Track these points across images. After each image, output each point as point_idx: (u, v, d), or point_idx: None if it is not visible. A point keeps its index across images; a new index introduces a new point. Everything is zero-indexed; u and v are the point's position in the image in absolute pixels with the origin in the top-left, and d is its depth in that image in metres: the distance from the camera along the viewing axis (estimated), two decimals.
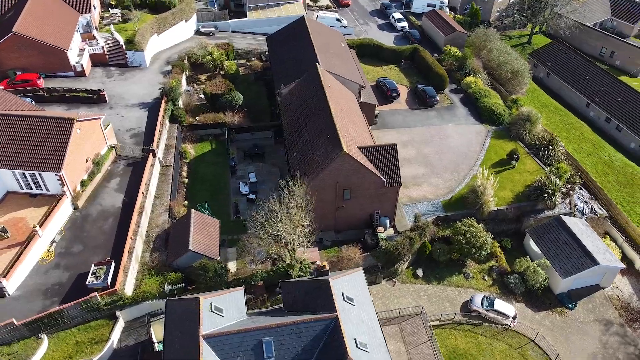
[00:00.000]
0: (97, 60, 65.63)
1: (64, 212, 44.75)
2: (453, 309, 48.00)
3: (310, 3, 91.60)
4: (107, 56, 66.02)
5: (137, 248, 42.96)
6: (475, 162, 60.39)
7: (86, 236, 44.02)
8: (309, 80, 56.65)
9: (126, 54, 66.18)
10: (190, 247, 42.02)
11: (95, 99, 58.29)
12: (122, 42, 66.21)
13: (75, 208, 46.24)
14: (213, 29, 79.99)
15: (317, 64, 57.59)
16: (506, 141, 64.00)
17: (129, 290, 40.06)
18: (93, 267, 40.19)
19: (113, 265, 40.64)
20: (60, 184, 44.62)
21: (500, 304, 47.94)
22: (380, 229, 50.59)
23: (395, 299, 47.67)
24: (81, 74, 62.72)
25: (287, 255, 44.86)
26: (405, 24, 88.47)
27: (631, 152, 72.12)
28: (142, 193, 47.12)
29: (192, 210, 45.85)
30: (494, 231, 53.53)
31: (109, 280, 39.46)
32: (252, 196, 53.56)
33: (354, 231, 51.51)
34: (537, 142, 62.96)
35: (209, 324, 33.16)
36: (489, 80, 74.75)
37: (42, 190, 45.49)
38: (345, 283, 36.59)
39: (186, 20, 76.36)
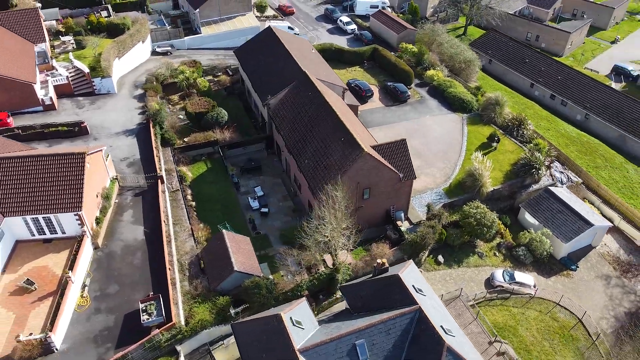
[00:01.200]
0: (62, 92, 61.55)
1: (86, 253, 41.77)
2: (479, 288, 50.59)
3: (257, 14, 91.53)
4: (72, 86, 62.05)
5: (175, 278, 41.17)
6: (461, 149, 63.86)
7: (118, 274, 41.45)
8: (300, 88, 57.03)
9: (93, 81, 62.60)
10: (236, 268, 41.09)
11: (76, 131, 54.75)
12: (86, 70, 62.56)
13: (96, 247, 43.35)
14: (169, 48, 77.68)
15: (305, 71, 58.07)
16: (481, 126, 68.23)
17: (182, 322, 38.37)
18: (141, 305, 38.00)
19: (161, 299, 38.65)
20: (79, 224, 41.66)
21: (520, 276, 51.26)
22: (399, 222, 52.15)
23: None
24: (50, 107, 58.58)
25: (319, 260, 45.18)
26: (354, 26, 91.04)
27: (578, 123, 79.56)
28: (164, 221, 45.16)
29: (223, 231, 44.74)
30: (492, 210, 56.85)
31: (163, 315, 37.54)
32: (264, 210, 52.99)
33: (372, 229, 52.60)
34: (509, 124, 67.77)
35: (296, 338, 32.81)
36: (447, 72, 79.01)
37: (57, 234, 42.20)
38: (409, 276, 37.65)
39: (143, 42, 73.58)
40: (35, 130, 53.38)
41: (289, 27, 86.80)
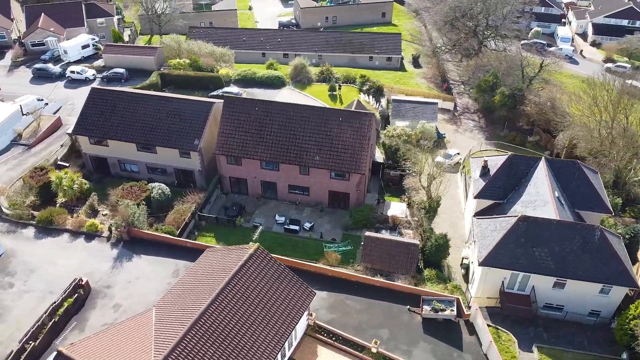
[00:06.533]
0: None
1: None
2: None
3: None
4: None
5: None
6: (324, 105, 74.09)
7: (360, 323, 37.77)
8: (235, 109, 54.56)
9: None
10: (418, 244, 44.12)
11: (83, 294, 38.52)
12: None
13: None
14: None
15: (221, 95, 55.66)
16: (309, 86, 79.19)
17: None
18: (426, 312, 37.83)
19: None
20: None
21: (451, 151, 69.26)
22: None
23: None
24: None
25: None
26: (92, 70, 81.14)
27: (316, 64, 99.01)
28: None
29: (365, 234, 45.18)
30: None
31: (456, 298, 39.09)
32: (307, 225, 52.33)
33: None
34: (322, 75, 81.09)
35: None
36: (229, 65, 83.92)
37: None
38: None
39: None
40: (47, 327, 35.00)
41: (39, 99, 71.43)
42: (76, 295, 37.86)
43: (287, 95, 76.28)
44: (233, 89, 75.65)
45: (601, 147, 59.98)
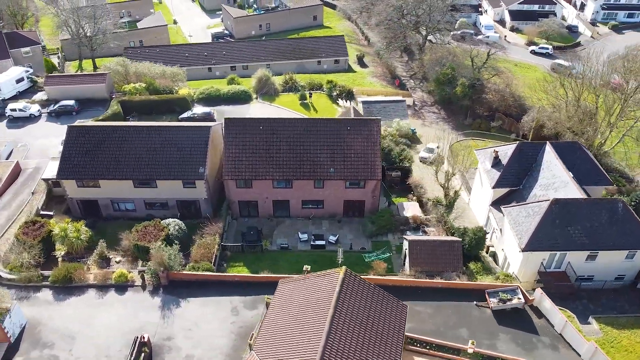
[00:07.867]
0: None
1: None
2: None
3: None
4: None
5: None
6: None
7: (436, 328, 38.33)
8: (238, 130, 52.64)
9: (4, 328, 36.82)
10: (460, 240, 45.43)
11: (148, 352, 35.34)
12: None
13: None
14: None
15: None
16: (277, 97, 78.07)
17: None
18: (494, 304, 39.15)
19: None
20: None
21: (430, 145, 71.75)
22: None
23: None
24: None
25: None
26: (35, 106, 73.92)
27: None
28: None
29: (409, 239, 45.51)
30: None
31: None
32: (332, 239, 51.85)
33: None
34: (288, 84, 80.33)
35: None
36: (184, 84, 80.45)
37: None
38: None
39: None
40: None
41: None
42: (142, 355, 34.64)
43: (259, 109, 74.69)
44: (199, 109, 72.75)
45: (570, 123, 65.21)
